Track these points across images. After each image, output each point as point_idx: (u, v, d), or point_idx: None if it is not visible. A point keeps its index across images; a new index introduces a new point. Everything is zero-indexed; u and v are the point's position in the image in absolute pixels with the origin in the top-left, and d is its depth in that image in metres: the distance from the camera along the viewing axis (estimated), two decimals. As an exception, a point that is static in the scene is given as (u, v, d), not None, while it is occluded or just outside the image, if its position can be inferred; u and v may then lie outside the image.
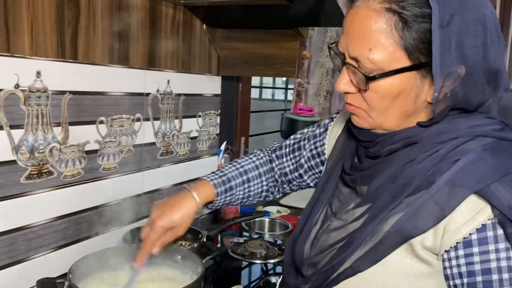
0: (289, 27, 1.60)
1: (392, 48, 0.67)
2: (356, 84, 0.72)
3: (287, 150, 1.09)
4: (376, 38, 0.67)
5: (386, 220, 0.70)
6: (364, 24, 0.68)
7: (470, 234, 0.64)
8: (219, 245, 1.54)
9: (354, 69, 0.70)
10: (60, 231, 1.18)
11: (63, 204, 1.18)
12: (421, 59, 0.67)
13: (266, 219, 1.84)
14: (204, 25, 1.67)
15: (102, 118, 1.27)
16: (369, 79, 0.69)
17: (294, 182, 1.09)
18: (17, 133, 1.03)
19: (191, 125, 1.69)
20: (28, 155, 1.06)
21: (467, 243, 0.64)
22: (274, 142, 1.12)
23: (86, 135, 1.22)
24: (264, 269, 1.41)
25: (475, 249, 0.64)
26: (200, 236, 1.35)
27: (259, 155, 1.14)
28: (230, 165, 1.08)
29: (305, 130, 1.07)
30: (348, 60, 0.72)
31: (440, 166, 0.67)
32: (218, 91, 1.83)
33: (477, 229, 0.63)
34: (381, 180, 0.73)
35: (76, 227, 1.22)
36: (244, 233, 1.69)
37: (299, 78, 2.99)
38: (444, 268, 0.68)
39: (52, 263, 1.15)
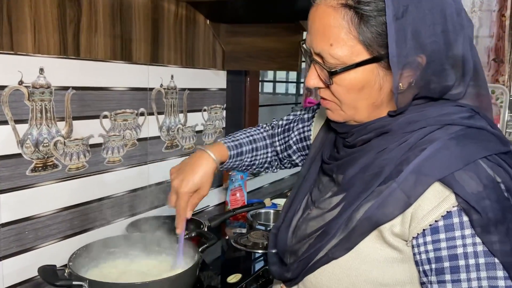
0: (292, 20, 1.62)
1: (352, 43, 0.68)
2: (323, 79, 0.74)
3: (279, 130, 1.11)
4: (335, 34, 0.69)
5: (359, 209, 0.71)
6: (323, 20, 0.70)
7: (436, 221, 0.65)
8: (226, 237, 1.58)
9: (319, 65, 0.73)
10: (67, 221, 1.23)
11: (69, 195, 1.23)
12: (380, 51, 0.68)
13: (271, 211, 1.86)
14: (208, 21, 1.69)
15: (105, 113, 1.31)
16: (332, 73, 0.71)
17: (285, 161, 1.12)
18: (22, 128, 1.08)
19: (196, 119, 1.72)
20: (33, 148, 1.11)
21: (434, 230, 0.65)
22: (273, 120, 1.15)
23: (90, 129, 1.27)
24: (266, 259, 1.44)
25: (442, 236, 0.65)
26: (201, 226, 1.39)
27: (265, 127, 1.16)
28: (241, 132, 1.11)
29: (298, 112, 1.09)
30: (314, 57, 0.74)
31: (408, 155, 0.69)
32: (224, 85, 1.86)
33: (442, 216, 0.65)
34: (355, 169, 0.75)
35: (82, 217, 1.27)
36: (258, 226, 1.70)
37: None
38: (414, 254, 0.69)
39: (58, 252, 1.20)
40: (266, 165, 1.13)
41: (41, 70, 1.11)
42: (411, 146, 0.69)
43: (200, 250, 1.10)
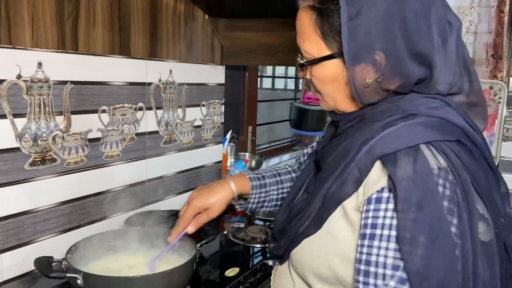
0: (290, 15, 1.61)
1: (317, 40, 0.78)
2: (303, 72, 0.84)
3: (305, 158, 1.16)
4: (306, 32, 0.79)
5: (328, 189, 0.78)
6: (300, 21, 0.80)
7: (372, 194, 0.72)
8: (225, 231, 1.58)
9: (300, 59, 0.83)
10: (65, 215, 1.23)
11: (67, 189, 1.23)
12: (339, 49, 0.75)
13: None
14: (206, 15, 1.69)
15: (104, 107, 1.31)
16: (302, 65, 0.82)
17: None
18: (20, 122, 1.09)
19: (195, 114, 1.72)
20: (31, 142, 1.11)
21: (368, 201, 0.73)
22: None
23: (88, 123, 1.27)
24: (264, 253, 1.45)
25: (371, 206, 0.72)
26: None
27: (292, 164, 1.24)
28: (266, 169, 1.19)
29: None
30: (300, 52, 0.83)
31: (367, 138, 0.75)
32: (222, 81, 1.86)
33: (377, 190, 0.72)
34: (333, 155, 0.81)
35: (80, 211, 1.27)
36: (257, 221, 1.71)
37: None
38: None
39: (57, 245, 1.20)
40: None
41: (40, 64, 1.11)
42: (373, 131, 0.75)
43: (198, 245, 1.10)
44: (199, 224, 1.05)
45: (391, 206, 0.70)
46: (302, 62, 0.81)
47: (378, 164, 0.72)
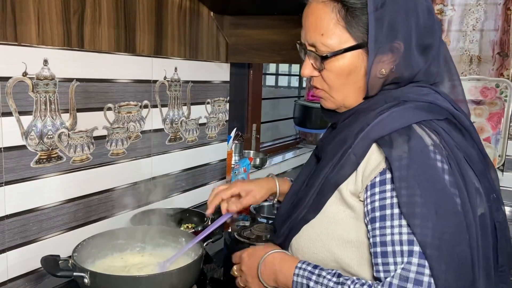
0: (296, 13, 1.60)
1: (340, 32, 0.80)
2: (316, 67, 0.84)
3: None
4: (326, 25, 0.80)
5: (326, 175, 0.82)
6: (315, 14, 0.81)
7: (375, 177, 0.76)
8: (229, 229, 1.58)
9: (313, 53, 0.83)
10: (71, 213, 1.23)
11: (73, 187, 1.23)
12: (364, 39, 0.79)
13: (275, 205, 1.86)
14: (212, 13, 1.68)
15: (109, 105, 1.30)
16: (323, 58, 0.82)
17: None
18: (26, 119, 1.08)
19: (199, 112, 1.72)
20: (37, 140, 1.11)
21: (372, 185, 0.76)
22: None
23: (94, 121, 1.26)
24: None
25: (376, 189, 0.76)
26: (205, 219, 1.39)
27: None
28: None
29: None
30: (308, 48, 0.84)
31: (363, 126, 0.79)
32: (227, 78, 1.85)
33: (379, 172, 0.76)
34: (332, 144, 0.86)
35: (86, 209, 1.27)
36: (262, 219, 1.70)
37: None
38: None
39: (63, 243, 1.20)
40: None
41: (45, 61, 1.10)
42: (368, 119, 0.80)
43: (205, 244, 1.10)
44: (241, 205, 1.06)
45: (392, 186, 0.73)
46: (324, 55, 0.81)
47: (374, 147, 0.77)
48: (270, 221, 1.64)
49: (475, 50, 2.36)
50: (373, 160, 0.77)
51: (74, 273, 0.94)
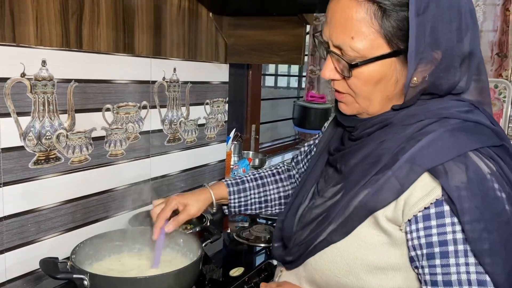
0: (295, 14, 1.61)
1: (373, 36, 0.70)
2: (340, 71, 0.75)
3: (302, 156, 1.15)
4: (357, 27, 0.70)
5: (356, 196, 0.74)
6: (345, 13, 0.71)
7: (426, 208, 0.68)
8: (228, 230, 1.58)
9: (338, 57, 0.74)
10: (69, 214, 1.22)
11: (71, 188, 1.22)
12: (400, 46, 0.70)
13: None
14: (211, 13, 1.68)
15: (108, 106, 1.30)
16: (352, 66, 0.72)
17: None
18: (24, 120, 1.08)
19: (198, 113, 1.72)
20: (35, 141, 1.11)
21: (426, 217, 0.68)
22: (296, 153, 1.19)
23: (92, 122, 1.26)
24: (268, 252, 1.44)
25: (433, 222, 0.68)
26: (204, 220, 1.39)
27: (278, 166, 1.22)
28: (249, 173, 1.18)
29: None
30: (332, 49, 0.75)
31: (404, 145, 0.71)
32: (226, 79, 1.85)
33: (432, 203, 0.68)
34: (356, 159, 0.78)
35: (84, 210, 1.27)
36: (260, 220, 1.70)
37: (311, 65, 2.98)
38: (407, 240, 0.72)
39: (61, 245, 1.20)
40: (283, 200, 1.17)
41: (44, 62, 1.10)
42: (408, 137, 0.72)
43: (203, 245, 1.09)
44: (178, 223, 1.03)
45: (456, 219, 0.66)
46: (352, 62, 0.72)
47: (424, 176, 0.69)
48: (269, 222, 1.64)
49: (474, 51, 2.36)
50: (421, 187, 0.69)
51: (74, 275, 0.94)
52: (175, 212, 1.05)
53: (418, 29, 0.67)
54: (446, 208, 0.67)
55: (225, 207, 1.15)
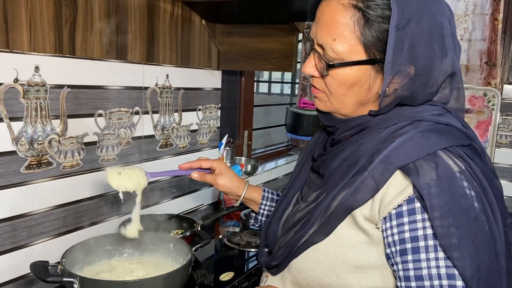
0: (287, 21, 1.63)
1: (353, 42, 0.74)
2: (319, 69, 0.79)
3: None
4: (340, 30, 0.74)
5: (335, 197, 0.77)
6: (332, 15, 0.75)
7: (399, 205, 0.71)
8: (220, 235, 1.59)
9: (319, 55, 0.78)
10: (60, 219, 1.23)
11: (63, 193, 1.23)
12: (376, 55, 0.74)
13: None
14: (203, 21, 1.70)
15: (100, 111, 1.31)
16: (329, 66, 0.76)
17: None
18: (17, 125, 1.09)
19: (191, 118, 1.73)
20: (27, 146, 1.12)
21: (399, 214, 0.71)
22: None
23: (85, 127, 1.27)
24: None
25: (405, 219, 0.70)
26: (195, 225, 1.40)
27: None
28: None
29: None
30: (316, 47, 0.79)
31: (380, 147, 0.74)
32: (219, 85, 1.87)
33: (405, 200, 0.70)
34: (336, 162, 0.81)
35: (75, 215, 1.27)
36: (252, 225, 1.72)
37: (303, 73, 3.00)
38: (383, 238, 0.74)
39: (52, 249, 1.20)
40: None
41: (37, 68, 1.11)
42: (383, 139, 0.75)
43: (193, 249, 1.11)
44: (202, 177, 1.08)
45: (426, 215, 0.68)
46: (330, 62, 0.76)
47: (397, 174, 0.71)
48: (261, 228, 1.66)
49: (463, 60, 2.41)
50: (394, 186, 0.72)
51: (64, 279, 0.95)
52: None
53: (397, 43, 0.70)
54: (417, 205, 0.69)
55: (253, 215, 1.16)
